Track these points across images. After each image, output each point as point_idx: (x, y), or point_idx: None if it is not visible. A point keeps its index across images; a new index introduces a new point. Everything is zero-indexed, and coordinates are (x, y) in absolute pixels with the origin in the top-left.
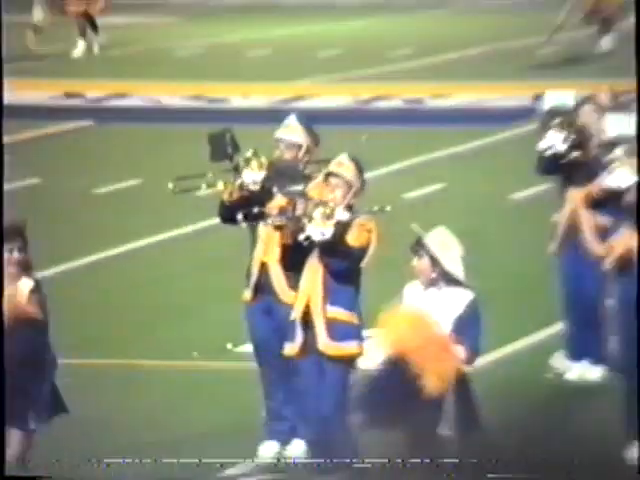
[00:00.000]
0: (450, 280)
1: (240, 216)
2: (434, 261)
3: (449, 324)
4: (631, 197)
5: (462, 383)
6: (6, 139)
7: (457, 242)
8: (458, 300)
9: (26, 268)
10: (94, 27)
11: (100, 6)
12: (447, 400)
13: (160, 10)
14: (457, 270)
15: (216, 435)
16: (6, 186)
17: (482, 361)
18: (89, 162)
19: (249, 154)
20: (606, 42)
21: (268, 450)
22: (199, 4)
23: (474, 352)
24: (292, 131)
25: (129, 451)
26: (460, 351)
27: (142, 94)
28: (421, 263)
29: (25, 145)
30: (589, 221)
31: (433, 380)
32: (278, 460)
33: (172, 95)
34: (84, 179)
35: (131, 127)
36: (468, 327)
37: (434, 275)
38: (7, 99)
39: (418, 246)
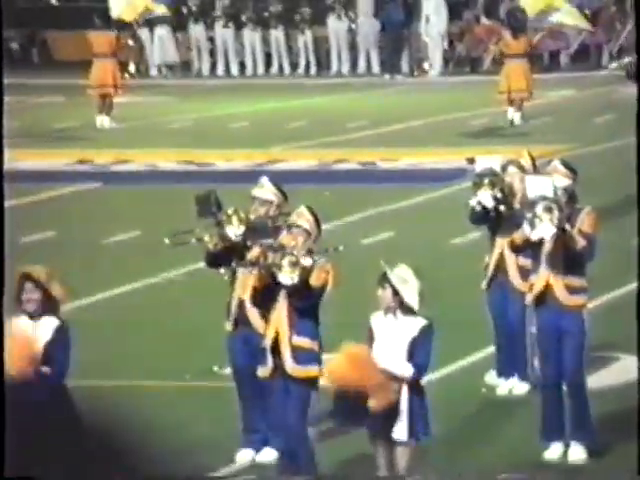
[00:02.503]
0: (406, 309)
1: (222, 270)
2: (395, 292)
3: (405, 345)
4: (549, 246)
5: (418, 392)
6: (28, 199)
7: (415, 278)
8: (413, 326)
9: (50, 308)
10: (110, 106)
11: (122, 92)
12: (401, 407)
13: (158, 91)
14: (413, 301)
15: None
16: (26, 239)
17: (429, 377)
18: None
19: (230, 211)
20: (517, 118)
21: (244, 457)
22: (190, 86)
23: (422, 369)
24: (265, 190)
25: None
26: (408, 367)
27: (142, 161)
28: (384, 293)
29: (43, 204)
30: (513, 263)
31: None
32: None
33: (167, 161)
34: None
35: (133, 188)
36: (419, 347)
37: (393, 304)
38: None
39: (383, 279)
